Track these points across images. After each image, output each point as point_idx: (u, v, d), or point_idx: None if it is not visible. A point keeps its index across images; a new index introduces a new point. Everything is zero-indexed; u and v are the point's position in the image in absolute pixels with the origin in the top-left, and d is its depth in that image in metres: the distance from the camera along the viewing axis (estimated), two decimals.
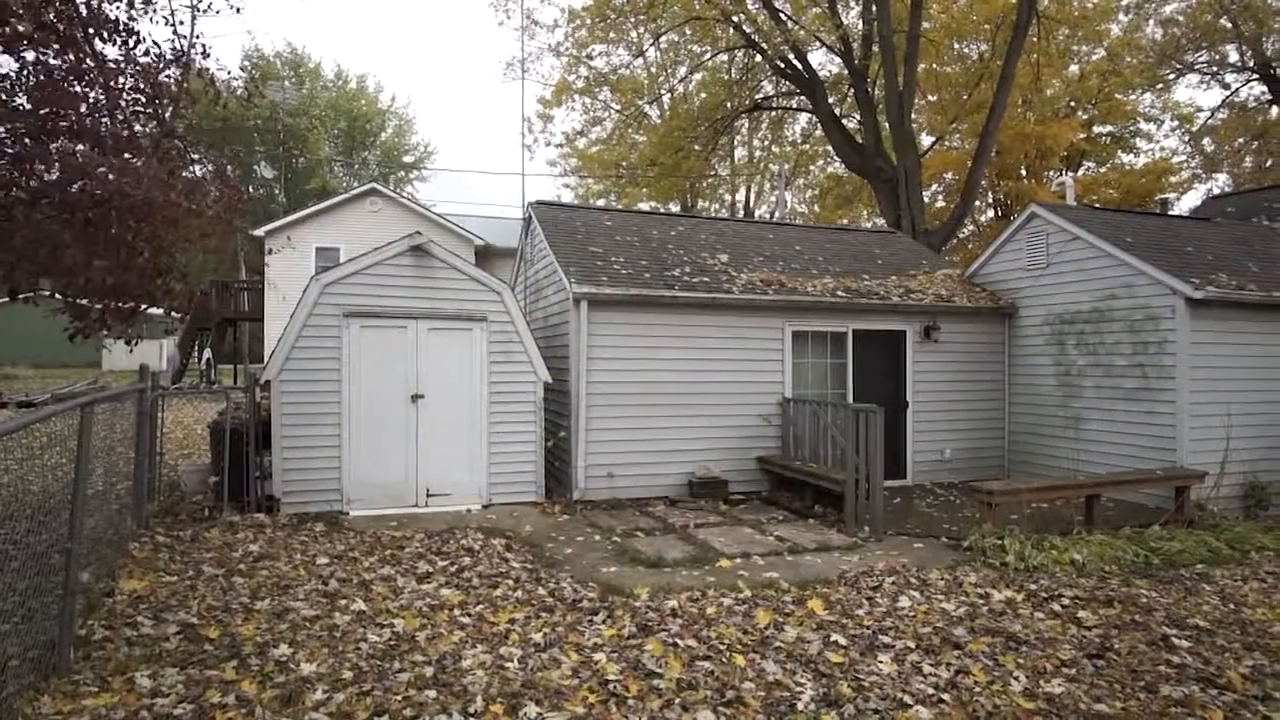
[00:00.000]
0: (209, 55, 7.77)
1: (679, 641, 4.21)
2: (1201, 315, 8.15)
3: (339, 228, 20.75)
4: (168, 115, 7.62)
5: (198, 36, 8.17)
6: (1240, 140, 25.48)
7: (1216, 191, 22.22)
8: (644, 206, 27.75)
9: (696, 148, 22.36)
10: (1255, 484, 8.28)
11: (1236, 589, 5.58)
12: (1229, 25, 24.50)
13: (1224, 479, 8.04)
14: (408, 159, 44.06)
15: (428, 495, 7.87)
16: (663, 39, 22.20)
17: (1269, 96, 25.22)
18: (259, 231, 20.48)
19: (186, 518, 7.03)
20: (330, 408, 7.53)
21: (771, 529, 7.20)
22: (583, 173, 29.35)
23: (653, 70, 23.85)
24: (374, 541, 6.39)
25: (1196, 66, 26.58)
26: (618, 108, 23.73)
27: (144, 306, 7.03)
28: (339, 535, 6.61)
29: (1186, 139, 27.80)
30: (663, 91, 23.73)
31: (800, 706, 3.50)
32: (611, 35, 21.75)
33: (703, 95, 23.57)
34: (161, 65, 6.98)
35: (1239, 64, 25.83)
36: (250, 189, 38.05)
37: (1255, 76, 25.54)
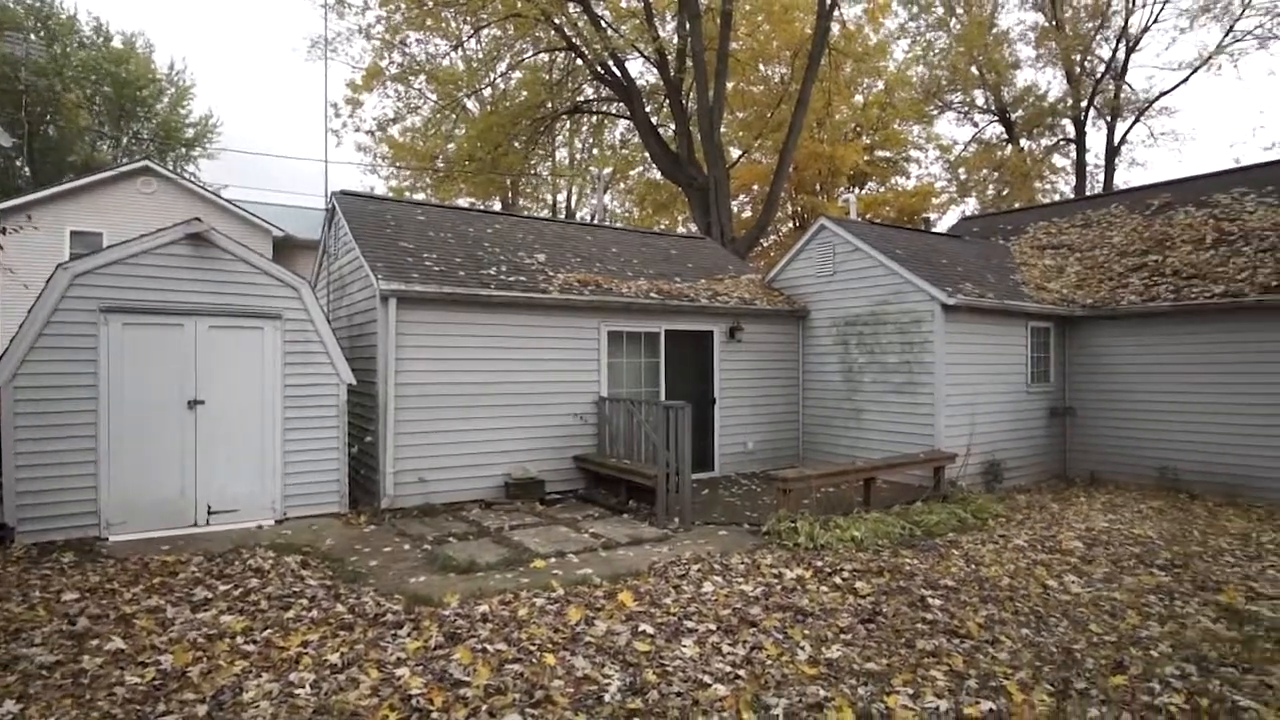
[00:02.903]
0: None
1: (488, 647, 4.13)
2: (953, 319, 9.47)
3: (102, 210, 17.95)
4: None
5: None
6: (985, 171, 29.98)
7: (967, 213, 26.03)
8: (462, 202, 26.92)
9: (517, 145, 22.11)
10: (993, 461, 9.78)
11: (977, 551, 6.54)
12: (978, 73, 28.78)
13: (970, 459, 9.42)
14: (188, 133, 38.96)
15: (209, 512, 7.06)
16: (483, 32, 21.69)
17: (1006, 136, 29.96)
18: None
19: None
20: (83, 417, 6.50)
21: (587, 526, 7.31)
22: (397, 163, 27.84)
23: (473, 64, 23.18)
24: (139, 569, 5.61)
25: (953, 106, 30.95)
26: (435, 97, 22.79)
27: None
28: (94, 565, 5.73)
29: (946, 167, 32.20)
30: (483, 86, 23.17)
31: (607, 698, 3.58)
32: (429, 23, 20.83)
33: (524, 93, 23.33)
34: None
35: (985, 106, 30.44)
36: None
37: (996, 119, 30.23)
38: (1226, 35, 24.64)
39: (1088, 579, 5.78)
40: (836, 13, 20.10)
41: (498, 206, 29.87)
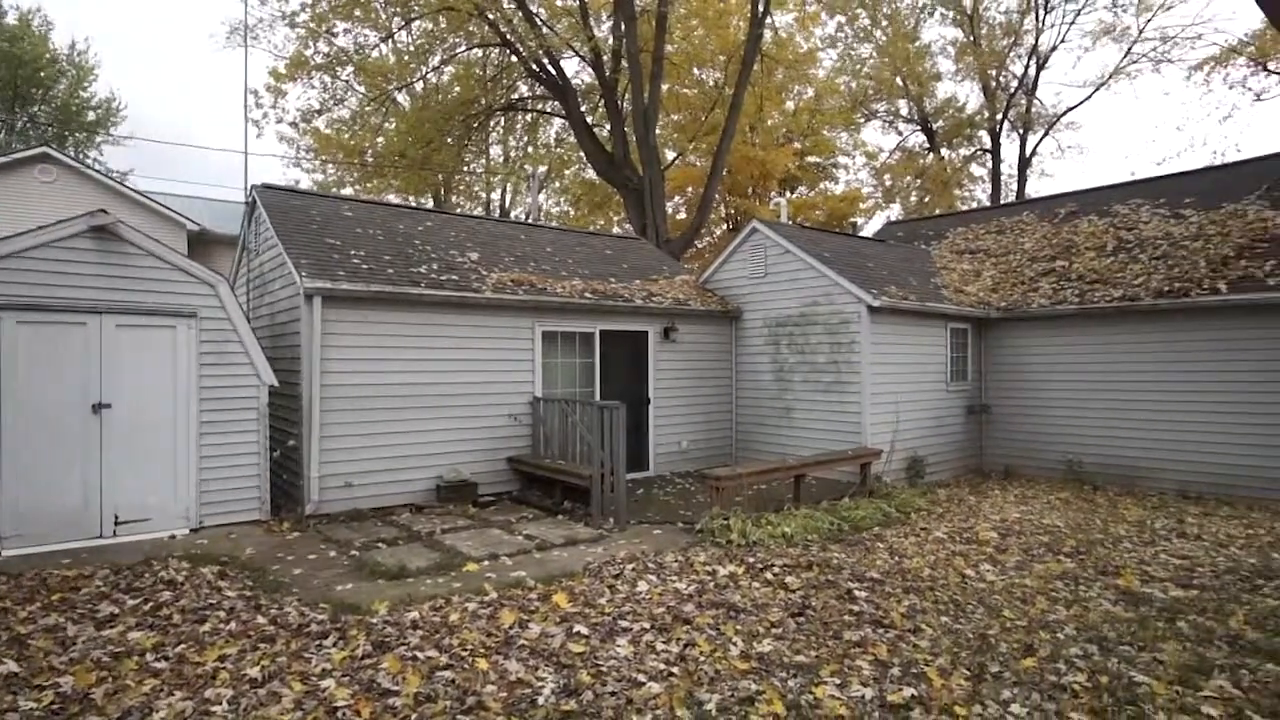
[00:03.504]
0: None
1: (419, 654, 4.04)
2: (878, 320, 9.81)
3: None
4: None
5: None
6: (908, 178, 31.19)
7: (892, 218, 26.99)
8: (392, 198, 26.17)
9: (449, 141, 21.67)
10: (915, 457, 10.19)
11: (900, 544, 6.80)
12: (901, 84, 29.91)
13: (894, 455, 9.78)
14: (90, 116, 36.27)
15: (117, 523, 6.65)
16: (414, 25, 21.16)
17: (928, 145, 31.26)
18: None
19: None
20: None
21: (521, 528, 7.24)
22: (322, 157, 26.83)
23: (404, 57, 22.54)
24: (36, 585, 5.24)
25: (879, 115, 32.09)
26: (363, 89, 22.06)
27: None
28: None
29: (872, 173, 33.34)
30: (414, 80, 22.58)
31: (541, 701, 3.56)
32: (357, 13, 20.19)
33: (457, 88, 22.85)
34: None
35: (908, 116, 31.67)
36: None
37: (918, 128, 31.50)
38: (1124, 57, 26.42)
39: (1001, 567, 6.09)
40: (769, 20, 20.53)
41: (430, 204, 29.18)
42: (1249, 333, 9.00)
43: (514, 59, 20.41)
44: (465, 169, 28.46)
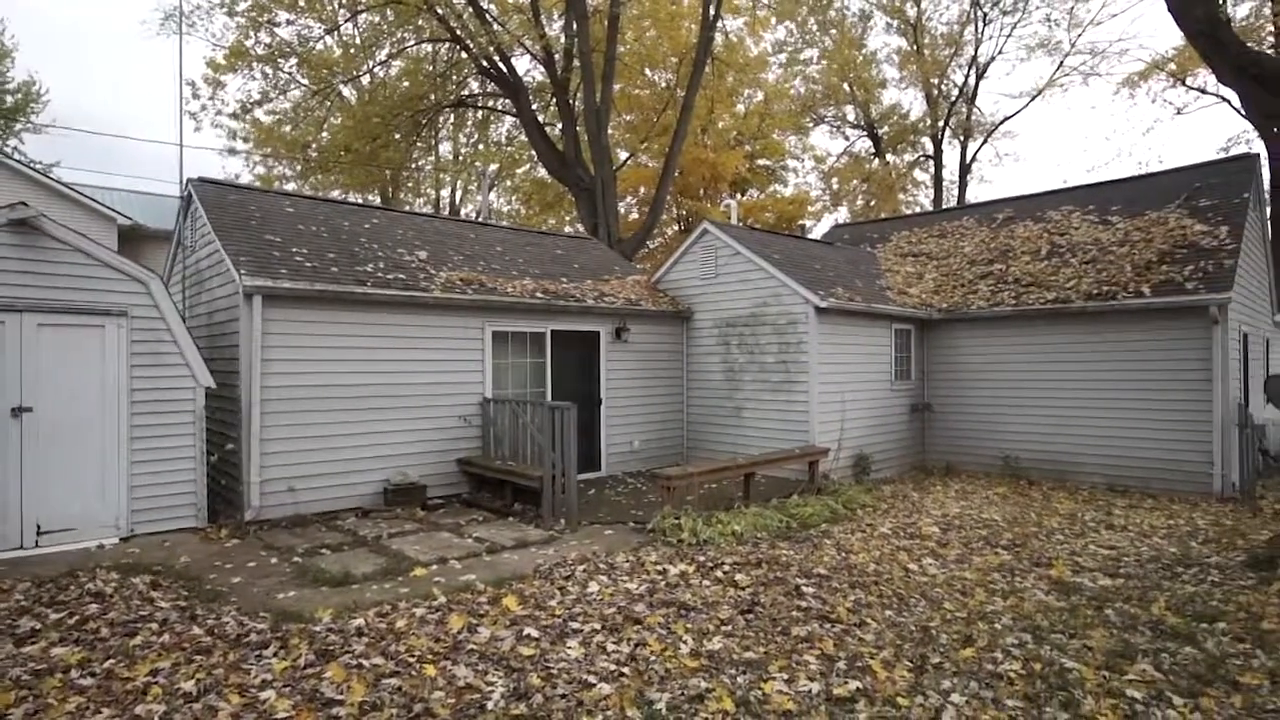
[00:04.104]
0: None
1: (364, 662, 3.95)
2: (825, 320, 10.01)
3: None
4: None
5: None
6: (855, 182, 31.91)
7: (839, 221, 27.58)
8: (337, 195, 25.48)
9: (397, 137, 21.22)
10: (862, 455, 10.43)
11: (847, 540, 6.95)
12: (849, 90, 30.59)
13: (841, 453, 10.00)
14: (8, 102, 34.13)
15: (39, 533, 6.31)
16: (361, 17, 20.66)
17: (874, 151, 32.03)
18: None
19: None
20: None
21: (471, 531, 7.15)
22: (263, 150, 25.92)
23: (350, 50, 21.95)
24: None
25: (827, 119, 32.73)
26: (307, 82, 21.41)
27: None
28: None
29: (820, 177, 34.00)
30: (360, 73, 22.02)
31: (490, 706, 3.52)
32: (301, 3, 19.61)
33: (405, 83, 22.39)
34: None
35: (855, 121, 32.40)
36: None
37: (865, 134, 32.26)
38: (1057, 69, 27.59)
39: (943, 561, 6.28)
40: (720, 23, 20.72)
41: (377, 201, 28.52)
42: (1170, 334, 9.50)
43: (464, 55, 20.11)
44: (414, 166, 27.94)
